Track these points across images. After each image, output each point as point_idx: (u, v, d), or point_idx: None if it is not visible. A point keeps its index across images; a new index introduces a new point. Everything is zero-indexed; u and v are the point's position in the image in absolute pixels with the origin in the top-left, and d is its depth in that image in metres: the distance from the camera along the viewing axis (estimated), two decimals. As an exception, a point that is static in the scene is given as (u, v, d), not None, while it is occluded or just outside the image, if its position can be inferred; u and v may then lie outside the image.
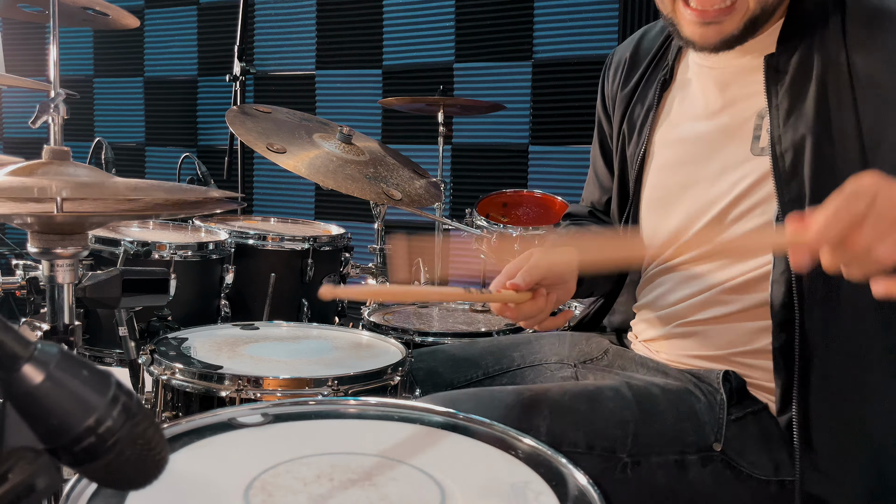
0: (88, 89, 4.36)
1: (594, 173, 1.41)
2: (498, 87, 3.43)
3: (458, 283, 0.93)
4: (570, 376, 1.25)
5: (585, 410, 1.00)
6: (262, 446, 0.80)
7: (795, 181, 1.01)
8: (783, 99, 1.03)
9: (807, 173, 1.00)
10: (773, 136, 1.03)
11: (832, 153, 0.99)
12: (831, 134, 0.99)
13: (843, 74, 0.99)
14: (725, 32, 1.03)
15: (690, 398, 1.06)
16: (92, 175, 0.95)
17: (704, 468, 1.02)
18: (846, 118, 0.99)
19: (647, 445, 1.01)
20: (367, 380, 1.19)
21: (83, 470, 0.45)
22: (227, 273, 1.95)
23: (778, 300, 1.02)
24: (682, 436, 1.02)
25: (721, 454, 1.02)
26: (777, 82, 1.03)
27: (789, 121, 1.02)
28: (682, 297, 1.16)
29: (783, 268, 1.01)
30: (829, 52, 1.01)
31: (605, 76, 1.37)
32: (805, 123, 1.00)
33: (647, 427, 1.01)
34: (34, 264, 1.28)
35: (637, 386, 1.07)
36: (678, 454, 1.01)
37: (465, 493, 0.70)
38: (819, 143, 0.99)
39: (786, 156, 1.01)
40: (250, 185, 4.00)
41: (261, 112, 1.77)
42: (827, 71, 1.00)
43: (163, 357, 1.23)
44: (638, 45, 1.31)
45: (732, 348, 1.10)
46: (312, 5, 3.81)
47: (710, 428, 1.03)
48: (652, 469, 1.00)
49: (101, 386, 0.44)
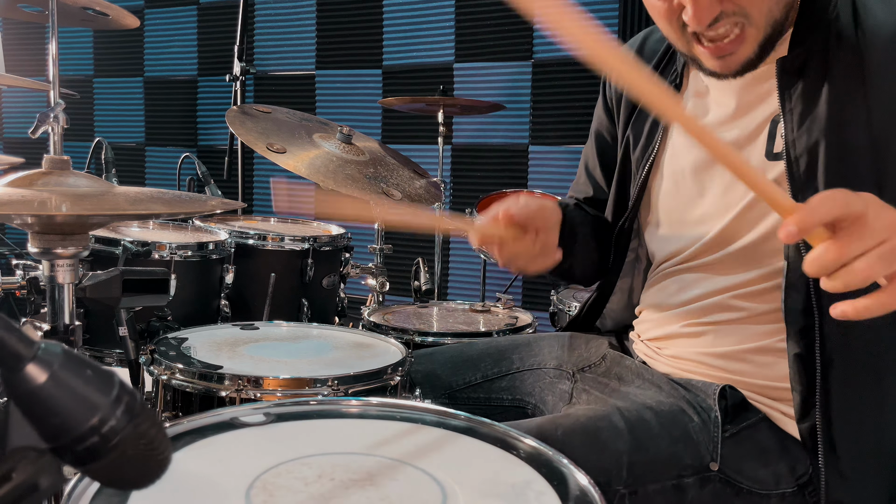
0: (88, 89, 4.36)
1: (586, 173, 1.40)
2: (498, 87, 3.43)
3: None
4: (567, 391, 1.24)
5: (578, 445, 0.98)
6: (264, 446, 0.80)
7: (810, 186, 0.99)
8: (797, 103, 1.02)
9: (821, 178, 0.99)
10: (787, 141, 1.02)
11: (846, 157, 0.98)
12: (844, 139, 0.98)
13: (856, 77, 0.99)
14: (743, 59, 1.02)
15: (683, 418, 1.05)
16: (92, 185, 0.95)
17: (703, 489, 1.01)
18: (860, 121, 0.98)
19: (643, 474, 1.00)
20: (367, 380, 1.19)
21: (86, 469, 0.46)
22: (227, 273, 1.95)
23: (795, 306, 1.01)
24: (678, 459, 1.02)
25: (719, 473, 1.02)
26: (790, 86, 1.03)
27: (803, 125, 1.01)
28: (691, 298, 1.15)
29: (800, 273, 1.00)
30: (841, 53, 1.00)
31: (608, 77, 1.36)
32: (819, 128, 0.99)
33: (642, 455, 1.00)
34: (34, 264, 1.28)
35: (629, 412, 1.05)
36: (675, 478, 1.01)
37: (467, 492, 0.70)
38: (833, 147, 0.98)
39: (800, 161, 1.00)
40: (250, 185, 4.00)
41: (261, 112, 1.78)
42: (839, 73, 1.00)
43: (163, 357, 1.23)
44: (641, 48, 1.30)
45: (740, 345, 1.10)
46: (312, 5, 3.81)
47: (705, 447, 1.02)
48: (650, 496, 0.99)
49: (105, 386, 0.44)
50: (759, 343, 1.08)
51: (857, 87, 0.99)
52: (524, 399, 1.29)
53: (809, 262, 0.76)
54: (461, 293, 3.52)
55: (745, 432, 1.05)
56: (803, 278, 1.00)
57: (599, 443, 1.00)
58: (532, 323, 1.90)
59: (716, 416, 1.04)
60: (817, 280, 0.98)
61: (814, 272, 0.76)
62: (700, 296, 1.14)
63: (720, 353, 1.11)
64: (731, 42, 1.00)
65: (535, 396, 1.28)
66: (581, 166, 1.42)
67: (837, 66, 1.00)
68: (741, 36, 0.99)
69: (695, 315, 1.14)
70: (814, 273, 0.76)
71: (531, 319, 1.94)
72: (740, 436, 1.04)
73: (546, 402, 1.26)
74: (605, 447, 0.99)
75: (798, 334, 1.02)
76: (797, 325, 1.02)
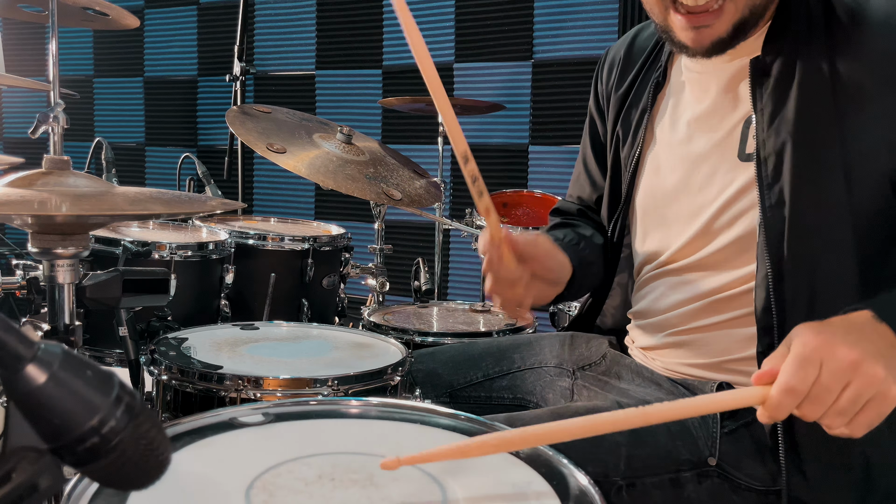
0: (88, 89, 4.36)
1: (584, 170, 1.40)
2: (498, 87, 3.43)
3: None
4: (567, 388, 1.24)
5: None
6: (264, 446, 0.80)
7: (777, 187, 1.00)
8: (767, 103, 1.02)
9: (787, 179, 0.99)
10: (758, 141, 1.02)
11: (813, 159, 0.98)
12: (812, 139, 0.98)
13: (825, 78, 0.98)
14: (715, 35, 1.02)
15: None
16: (91, 185, 0.95)
17: (701, 484, 1.01)
18: (827, 123, 0.98)
19: (641, 467, 1.00)
20: (368, 380, 1.19)
21: (85, 470, 0.46)
22: (227, 273, 1.95)
23: (760, 305, 1.01)
24: (676, 454, 1.02)
25: (717, 468, 1.02)
26: (762, 85, 1.03)
27: (773, 125, 1.01)
28: (673, 303, 1.15)
29: (764, 272, 1.00)
30: (811, 55, 1.00)
31: (599, 75, 1.37)
32: (787, 128, 0.99)
33: (640, 449, 1.01)
34: (34, 264, 1.28)
35: (628, 407, 1.05)
36: (673, 472, 1.01)
37: (467, 493, 0.70)
38: (799, 148, 0.98)
39: (769, 161, 1.01)
40: (250, 185, 4.00)
41: (261, 112, 1.78)
42: (809, 74, 1.00)
43: (163, 357, 1.23)
44: (632, 45, 1.30)
45: (726, 356, 1.09)
46: (312, 5, 3.81)
47: (703, 443, 1.03)
48: (647, 490, 1.00)
49: (105, 386, 0.44)
50: (748, 352, 1.07)
51: (826, 86, 0.98)
52: (525, 397, 1.29)
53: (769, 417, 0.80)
54: (461, 293, 3.52)
55: (744, 429, 1.05)
56: (766, 278, 1.00)
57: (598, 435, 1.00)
58: (532, 323, 1.90)
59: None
60: (780, 280, 0.99)
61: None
62: (681, 301, 1.14)
63: (712, 363, 1.11)
64: (709, 14, 1.00)
65: (537, 395, 1.28)
66: (579, 163, 1.42)
67: (807, 65, 1.00)
68: (719, 10, 1.00)
69: (680, 321, 1.14)
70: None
71: (531, 319, 1.94)
72: (739, 432, 1.04)
73: (547, 399, 1.26)
74: (603, 439, 0.99)
75: (762, 332, 1.01)
76: (761, 323, 1.01)
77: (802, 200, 0.98)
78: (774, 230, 0.99)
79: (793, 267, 0.98)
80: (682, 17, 1.02)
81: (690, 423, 1.04)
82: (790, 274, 0.99)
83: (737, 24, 1.01)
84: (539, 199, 2.76)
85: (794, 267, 0.98)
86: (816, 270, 0.98)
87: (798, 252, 0.98)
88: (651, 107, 1.21)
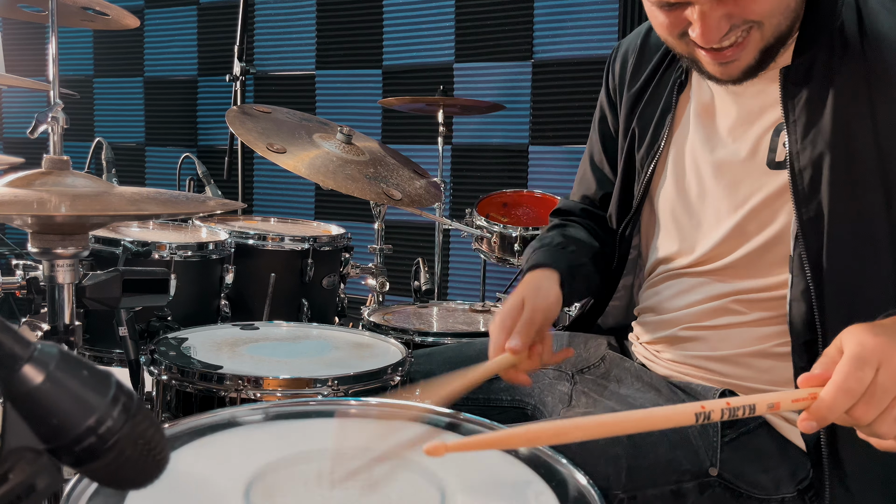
0: (88, 89, 4.36)
1: (591, 167, 1.37)
2: (498, 87, 3.43)
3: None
4: (566, 393, 1.23)
5: (576, 449, 0.98)
6: (263, 446, 0.80)
7: (814, 199, 0.98)
8: (801, 113, 1.00)
9: (825, 191, 0.97)
10: (791, 153, 1.00)
11: (851, 171, 0.97)
12: (850, 150, 0.97)
13: (861, 88, 0.97)
14: (744, 65, 1.00)
15: None
16: (91, 185, 0.95)
17: (702, 494, 1.01)
18: (865, 134, 0.96)
19: (642, 479, 0.99)
20: (367, 380, 1.19)
21: (84, 470, 0.46)
22: (227, 273, 1.95)
23: (799, 319, 1.00)
24: (677, 464, 1.01)
25: (718, 478, 1.01)
26: (794, 96, 1.01)
27: (808, 136, 0.99)
28: (689, 302, 1.14)
29: (803, 286, 0.99)
30: (845, 65, 0.98)
31: (611, 68, 1.33)
32: (823, 139, 0.97)
33: (640, 460, 1.00)
34: (34, 264, 1.28)
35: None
36: (674, 484, 1.00)
37: (466, 493, 0.70)
38: (838, 159, 0.97)
39: (804, 173, 0.99)
40: (250, 185, 4.00)
41: (261, 112, 1.78)
42: (844, 85, 0.98)
43: (163, 357, 1.23)
44: (646, 39, 1.26)
45: (737, 349, 1.09)
46: (312, 5, 3.81)
47: (704, 452, 1.02)
48: (649, 501, 0.99)
49: (102, 386, 0.44)
50: (759, 347, 1.07)
51: (862, 95, 0.97)
52: (523, 400, 1.29)
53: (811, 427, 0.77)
54: (461, 293, 3.52)
55: (745, 437, 1.04)
56: (807, 293, 0.99)
57: (598, 447, 0.99)
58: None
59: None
60: (820, 293, 0.98)
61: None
62: (701, 300, 1.13)
63: (719, 356, 1.11)
64: (733, 49, 0.98)
65: (535, 397, 1.28)
66: (585, 161, 1.39)
67: (842, 75, 0.98)
68: (743, 43, 0.97)
69: (694, 319, 1.13)
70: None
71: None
72: (740, 440, 1.04)
73: (545, 402, 1.26)
74: (603, 452, 0.99)
75: (802, 347, 1.00)
76: (801, 338, 1.00)
77: (841, 214, 0.97)
78: (813, 243, 0.98)
79: (833, 281, 0.98)
80: (706, 52, 1.00)
81: (690, 432, 1.03)
82: (830, 288, 0.98)
83: (763, 51, 0.99)
84: (539, 199, 2.75)
85: (833, 281, 0.98)
86: (856, 284, 0.98)
87: (837, 266, 0.97)
88: (674, 108, 1.18)
